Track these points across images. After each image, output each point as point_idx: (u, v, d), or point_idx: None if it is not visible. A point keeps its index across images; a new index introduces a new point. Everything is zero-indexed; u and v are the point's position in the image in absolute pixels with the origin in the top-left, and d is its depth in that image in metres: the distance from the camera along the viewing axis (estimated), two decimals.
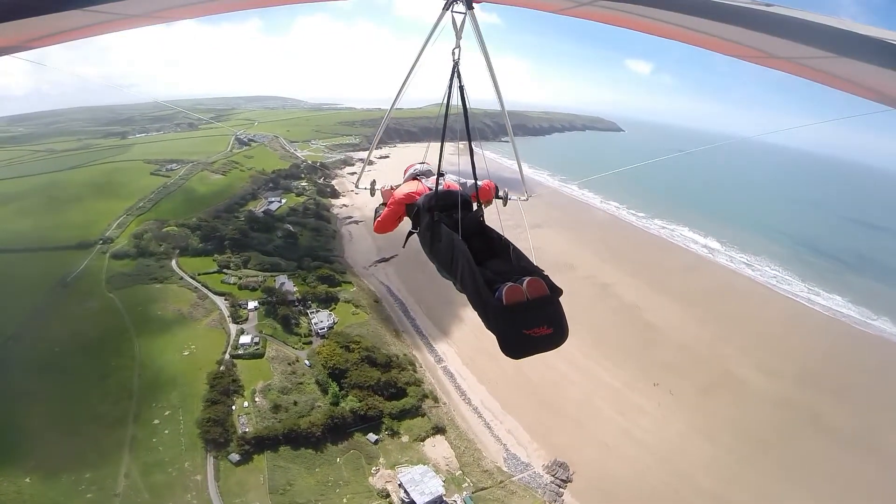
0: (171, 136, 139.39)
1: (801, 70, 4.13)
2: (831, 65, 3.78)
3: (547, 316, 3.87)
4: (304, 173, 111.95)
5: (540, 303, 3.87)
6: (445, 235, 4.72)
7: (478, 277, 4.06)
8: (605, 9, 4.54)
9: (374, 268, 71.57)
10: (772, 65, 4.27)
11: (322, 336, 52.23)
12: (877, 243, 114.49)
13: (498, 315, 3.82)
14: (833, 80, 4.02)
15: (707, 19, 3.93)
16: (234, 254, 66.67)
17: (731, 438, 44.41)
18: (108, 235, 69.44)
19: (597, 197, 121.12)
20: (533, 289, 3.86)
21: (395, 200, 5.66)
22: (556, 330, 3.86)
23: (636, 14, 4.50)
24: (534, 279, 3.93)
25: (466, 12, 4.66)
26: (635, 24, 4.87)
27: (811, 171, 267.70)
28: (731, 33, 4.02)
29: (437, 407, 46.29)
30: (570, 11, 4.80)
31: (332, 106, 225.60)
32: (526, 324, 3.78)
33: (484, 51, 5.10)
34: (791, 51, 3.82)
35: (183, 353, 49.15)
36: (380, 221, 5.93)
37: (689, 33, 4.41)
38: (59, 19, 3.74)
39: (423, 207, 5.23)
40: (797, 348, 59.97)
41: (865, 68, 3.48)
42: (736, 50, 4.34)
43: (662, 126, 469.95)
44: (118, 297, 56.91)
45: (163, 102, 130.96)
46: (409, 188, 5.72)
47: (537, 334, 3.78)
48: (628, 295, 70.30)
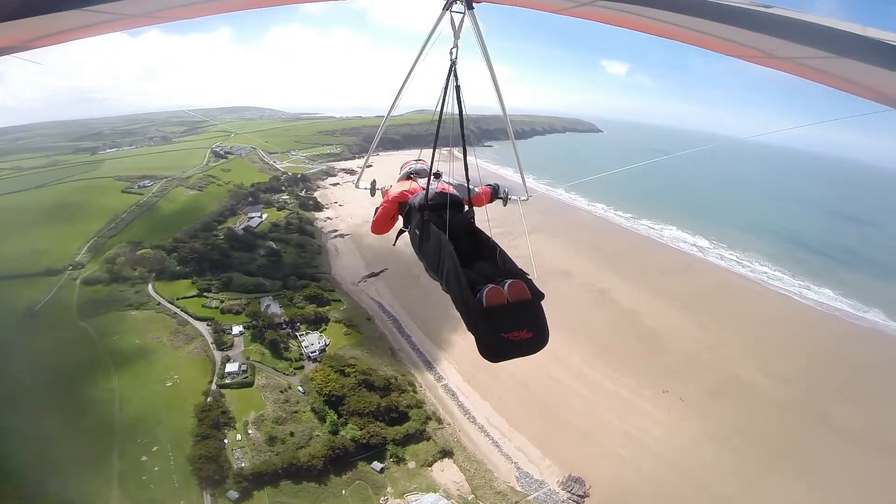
0: (143, 151, 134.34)
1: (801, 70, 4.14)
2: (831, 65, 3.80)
3: (527, 320, 3.87)
4: (284, 186, 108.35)
5: (521, 306, 3.89)
6: (434, 235, 4.75)
7: (461, 278, 4.06)
8: (605, 9, 4.54)
9: (363, 283, 68.72)
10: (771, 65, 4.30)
11: (314, 360, 49.24)
12: (862, 237, 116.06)
13: (477, 317, 3.83)
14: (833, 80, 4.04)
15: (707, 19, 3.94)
16: (215, 275, 62.98)
17: (743, 443, 43.38)
18: (79, 260, 65.15)
19: (584, 199, 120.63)
20: (514, 292, 3.89)
21: (389, 199, 5.68)
22: (535, 334, 3.88)
23: (636, 14, 4.49)
24: (515, 282, 3.96)
25: (466, 12, 4.62)
26: (635, 24, 4.87)
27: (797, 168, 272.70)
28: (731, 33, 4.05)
29: (442, 428, 43.89)
30: (570, 11, 4.79)
31: (311, 115, 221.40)
32: (505, 327, 3.80)
33: (484, 51, 5.06)
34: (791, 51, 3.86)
35: (166, 384, 45.81)
36: (375, 221, 5.90)
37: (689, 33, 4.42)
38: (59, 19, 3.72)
39: (413, 207, 5.27)
40: (797, 347, 59.44)
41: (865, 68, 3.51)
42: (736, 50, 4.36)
43: (640, 126, 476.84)
44: (91, 326, 53.10)
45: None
46: (403, 187, 5.73)
47: (516, 338, 3.81)
48: (626, 300, 69.17)
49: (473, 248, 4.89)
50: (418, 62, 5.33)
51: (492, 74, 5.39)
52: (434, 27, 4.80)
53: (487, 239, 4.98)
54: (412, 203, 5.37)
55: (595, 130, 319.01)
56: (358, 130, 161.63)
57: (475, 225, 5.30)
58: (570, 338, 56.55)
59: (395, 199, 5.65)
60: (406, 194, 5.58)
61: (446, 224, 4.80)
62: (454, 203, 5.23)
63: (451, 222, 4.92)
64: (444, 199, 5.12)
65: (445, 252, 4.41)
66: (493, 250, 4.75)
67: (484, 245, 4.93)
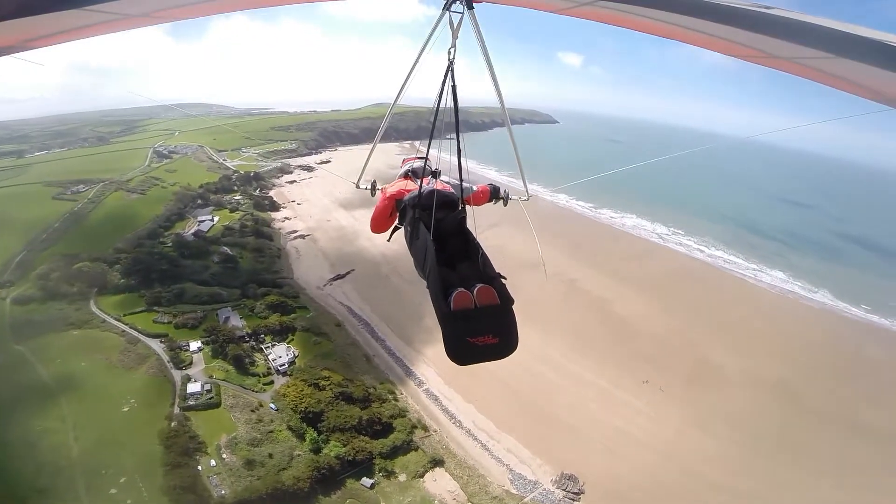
0: (77, 153, 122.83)
1: (800, 70, 4.12)
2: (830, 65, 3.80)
3: (495, 325, 3.87)
4: (236, 185, 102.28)
5: (488, 311, 3.89)
6: (422, 235, 4.78)
7: (437, 279, 4.08)
8: (605, 9, 4.51)
9: (329, 287, 65.21)
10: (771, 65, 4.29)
11: (283, 373, 45.86)
12: (807, 220, 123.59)
13: (445, 319, 3.85)
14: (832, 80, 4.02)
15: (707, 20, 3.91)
16: (165, 287, 57.57)
17: (725, 427, 44.71)
18: (7, 278, 58.04)
19: (545, 190, 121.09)
20: (482, 297, 3.90)
21: (386, 196, 5.68)
22: (502, 340, 3.86)
23: (636, 14, 4.46)
24: (484, 287, 3.98)
25: (465, 12, 4.63)
26: (635, 24, 4.85)
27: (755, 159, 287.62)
28: (731, 34, 4.01)
29: (429, 436, 42.04)
30: (570, 11, 4.81)
31: (263, 111, 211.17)
32: (471, 331, 3.80)
33: (484, 51, 5.04)
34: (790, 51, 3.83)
35: (122, 409, 41.56)
36: (373, 219, 5.85)
37: (688, 33, 4.40)
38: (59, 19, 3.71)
39: (407, 205, 5.31)
40: (757, 327, 62.21)
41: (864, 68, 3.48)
42: (735, 50, 4.33)
43: (594, 116, 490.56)
44: (28, 350, 47.47)
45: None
46: (401, 185, 5.72)
47: (482, 343, 3.79)
48: (595, 289, 69.75)
49: (462, 248, 4.88)
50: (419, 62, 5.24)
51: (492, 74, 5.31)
52: (434, 27, 4.75)
53: (473, 240, 4.96)
54: (406, 202, 5.39)
55: (552, 121, 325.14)
56: (313, 125, 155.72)
57: (465, 225, 5.23)
58: (546, 331, 56.25)
59: (391, 197, 5.63)
60: (403, 192, 5.56)
61: (431, 224, 4.82)
62: (447, 202, 5.21)
63: (441, 222, 4.95)
64: (439, 199, 5.09)
65: (428, 252, 4.43)
66: (477, 252, 4.70)
67: (470, 246, 4.90)
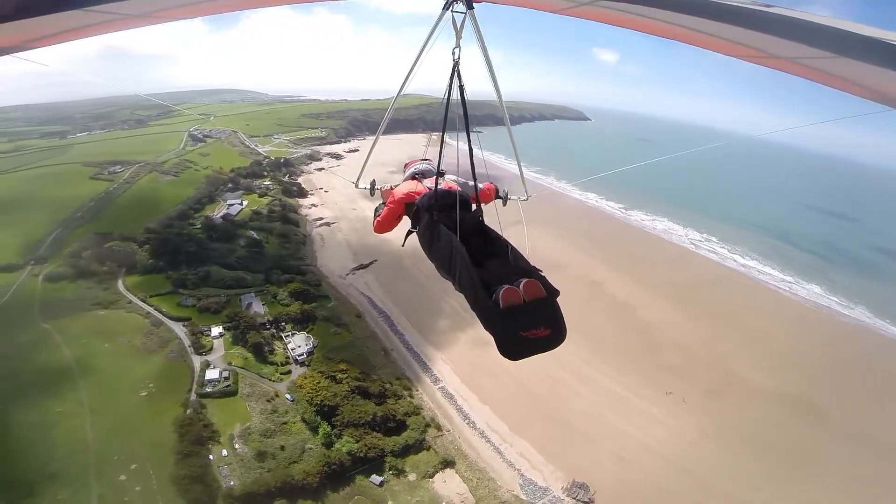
0: (115, 135, 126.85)
1: (800, 70, 4.05)
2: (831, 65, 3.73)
3: (544, 317, 3.82)
4: (266, 171, 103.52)
5: (537, 305, 3.83)
6: (444, 236, 4.65)
7: (475, 280, 3.99)
8: (605, 9, 4.46)
9: (352, 276, 65.22)
10: (771, 65, 4.22)
11: (301, 363, 45.85)
12: (847, 233, 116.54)
13: (495, 318, 3.76)
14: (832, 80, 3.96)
15: (707, 19, 3.89)
16: (191, 269, 58.31)
17: (742, 441, 43.12)
18: (41, 254, 59.94)
19: (574, 189, 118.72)
20: (530, 291, 3.83)
21: (395, 200, 5.59)
22: (553, 331, 3.82)
23: (636, 14, 4.42)
24: (530, 281, 3.91)
25: (466, 12, 4.62)
26: (635, 24, 4.80)
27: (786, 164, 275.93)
28: (731, 33, 3.96)
29: (442, 436, 41.43)
30: (570, 11, 4.75)
31: (295, 98, 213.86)
32: (523, 326, 3.74)
33: (484, 50, 5.01)
34: (790, 51, 3.77)
35: (140, 394, 41.93)
36: (379, 221, 5.86)
37: (688, 33, 4.33)
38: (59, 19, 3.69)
39: (422, 207, 5.20)
40: (788, 342, 59.55)
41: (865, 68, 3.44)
42: (736, 50, 4.26)
43: (627, 115, 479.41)
44: (55, 328, 48.51)
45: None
46: (409, 187, 5.63)
47: (535, 336, 3.75)
48: (620, 293, 67.79)
49: (484, 246, 4.77)
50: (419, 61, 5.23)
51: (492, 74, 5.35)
52: (434, 27, 4.76)
53: (498, 237, 4.88)
54: (419, 204, 5.26)
55: (583, 118, 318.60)
56: (344, 114, 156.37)
57: (484, 223, 5.17)
58: (569, 335, 54.67)
59: (400, 201, 5.55)
60: (413, 195, 5.48)
61: (457, 224, 4.74)
62: (462, 202, 5.12)
63: (460, 221, 4.86)
64: (453, 199, 5.02)
65: (457, 253, 4.28)
66: (505, 248, 4.63)
67: (494, 243, 4.81)
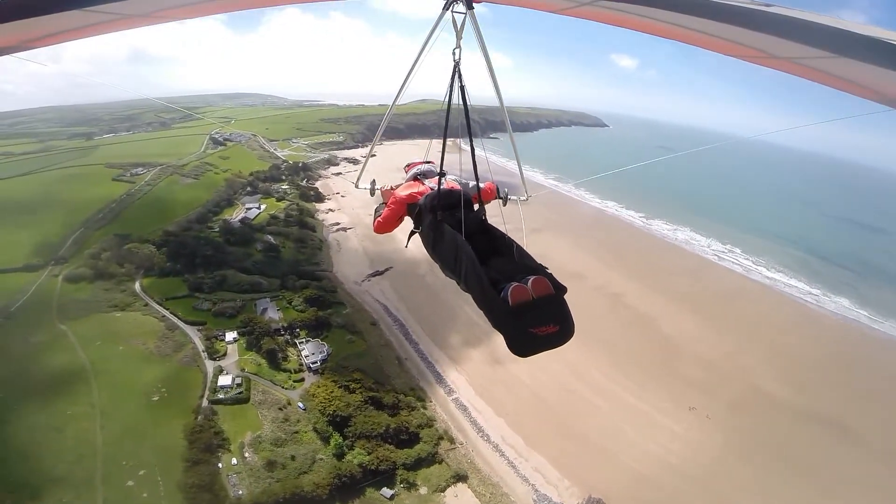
0: (139, 137, 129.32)
1: (801, 70, 4.05)
2: (831, 65, 3.71)
3: (553, 314, 3.84)
4: (285, 175, 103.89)
5: (545, 301, 3.85)
6: (448, 235, 4.65)
7: (483, 278, 4.00)
8: (605, 9, 4.44)
9: (367, 283, 64.68)
10: (772, 65, 4.18)
11: (315, 371, 45.26)
12: (875, 246, 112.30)
13: (505, 315, 3.80)
14: (833, 80, 3.93)
15: (707, 19, 3.88)
16: (208, 273, 58.36)
17: (768, 459, 41.50)
18: (61, 255, 60.71)
19: (594, 196, 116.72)
20: (538, 288, 3.84)
21: (397, 200, 5.52)
22: (562, 327, 3.84)
23: (636, 14, 4.40)
24: (538, 278, 3.91)
25: (466, 12, 4.60)
26: (635, 24, 4.77)
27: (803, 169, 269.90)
28: (731, 33, 3.97)
29: (454, 449, 40.37)
30: (570, 11, 4.70)
31: (314, 103, 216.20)
32: (532, 323, 3.76)
33: (484, 51, 5.01)
34: (791, 51, 3.77)
35: (152, 399, 41.74)
36: (380, 222, 5.77)
37: (689, 33, 4.35)
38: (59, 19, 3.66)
39: (425, 207, 5.15)
40: (816, 355, 57.57)
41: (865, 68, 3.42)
42: (736, 50, 4.27)
43: (646, 122, 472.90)
44: (72, 330, 48.72)
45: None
46: (411, 188, 5.57)
47: (544, 333, 3.77)
48: (641, 305, 65.89)
49: (488, 244, 4.75)
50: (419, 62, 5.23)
51: (492, 74, 5.36)
52: (434, 27, 4.73)
53: (502, 235, 4.87)
54: (422, 204, 5.16)
55: (601, 125, 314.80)
56: (361, 118, 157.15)
57: (487, 222, 5.20)
58: (587, 347, 53.74)
59: (402, 201, 5.45)
60: (415, 196, 5.38)
61: (462, 223, 4.71)
62: (465, 201, 5.09)
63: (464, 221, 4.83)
64: (457, 198, 5.03)
65: (463, 252, 4.28)
66: (510, 246, 4.62)
67: (498, 241, 4.82)
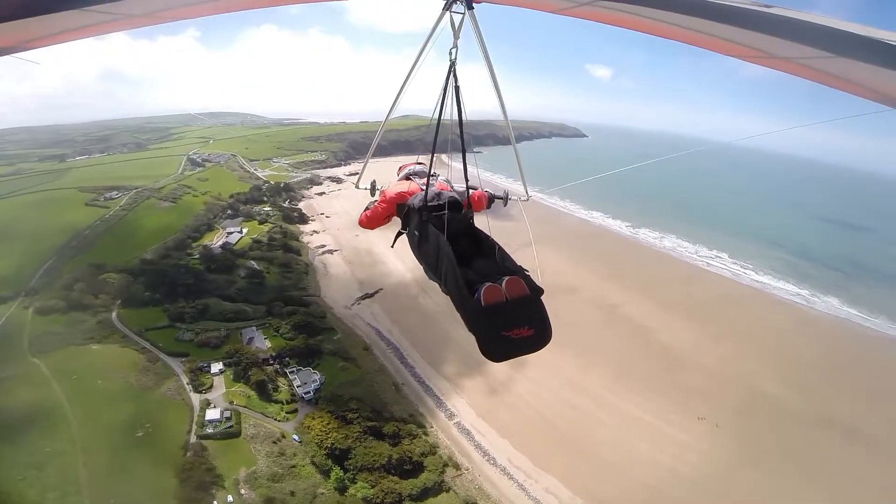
0: (114, 159, 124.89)
1: (800, 70, 4.06)
2: (831, 65, 3.71)
3: (528, 316, 3.76)
4: (266, 196, 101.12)
5: (520, 303, 3.79)
6: (432, 236, 4.64)
7: (458, 278, 3.96)
8: (605, 9, 4.45)
9: (357, 306, 62.38)
10: (771, 65, 4.17)
11: (309, 401, 42.87)
12: (859, 244, 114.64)
13: (476, 316, 3.73)
14: (833, 80, 3.94)
15: (707, 19, 3.87)
16: (189, 302, 55.55)
17: (781, 463, 40.77)
18: (32, 286, 57.21)
19: (579, 207, 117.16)
20: (512, 288, 3.79)
21: (387, 199, 5.53)
22: (537, 331, 3.76)
23: (636, 14, 4.41)
24: (513, 278, 3.86)
25: (466, 12, 4.58)
26: (635, 24, 4.78)
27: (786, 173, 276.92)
28: (731, 33, 3.96)
29: (461, 475, 38.57)
30: (570, 11, 4.69)
31: (294, 121, 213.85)
32: (505, 325, 3.68)
33: (484, 51, 4.96)
34: (791, 51, 3.77)
35: (136, 434, 38.93)
36: (367, 216, 5.74)
37: (688, 33, 4.35)
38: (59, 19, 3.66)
39: (413, 207, 5.16)
40: (815, 355, 57.51)
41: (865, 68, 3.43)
42: (736, 50, 4.28)
43: (625, 131, 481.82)
44: (45, 363, 45.63)
45: None
46: (402, 187, 5.58)
47: (517, 336, 3.68)
48: (637, 315, 65.07)
49: (473, 247, 4.78)
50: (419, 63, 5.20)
51: (492, 74, 5.33)
52: (434, 27, 4.73)
53: (487, 237, 4.87)
54: (411, 204, 5.21)
55: (580, 136, 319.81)
56: (343, 136, 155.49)
57: (474, 225, 5.15)
58: (587, 360, 52.80)
59: (392, 200, 5.48)
60: (405, 195, 5.41)
61: (444, 224, 4.70)
62: (453, 203, 5.09)
63: (449, 222, 4.81)
64: (444, 200, 5.01)
65: (443, 252, 4.29)
66: (493, 249, 4.60)
67: (483, 244, 4.81)
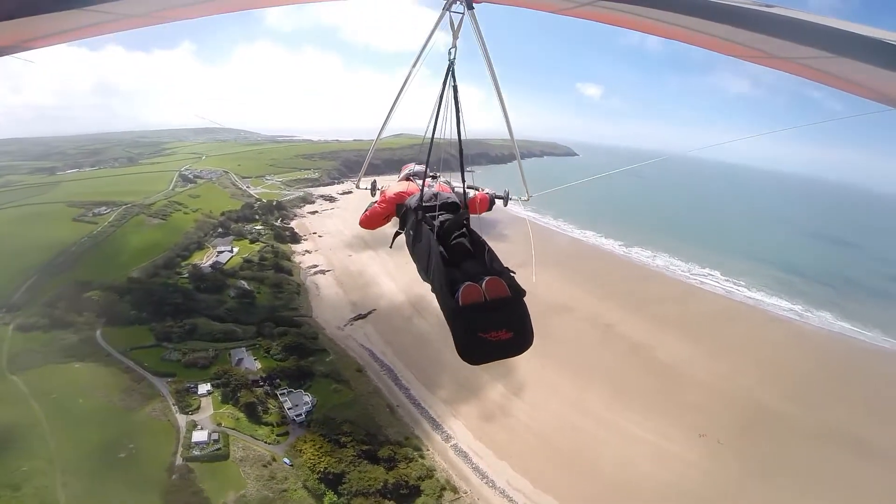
0: (104, 173, 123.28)
1: (801, 70, 4.06)
2: (831, 65, 3.72)
3: (507, 319, 3.69)
4: (258, 214, 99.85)
5: (500, 304, 3.73)
6: (426, 236, 4.64)
7: (442, 277, 3.93)
8: (605, 9, 4.44)
9: (350, 327, 60.90)
10: (772, 65, 4.18)
11: (300, 424, 41.39)
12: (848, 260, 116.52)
13: (454, 315, 3.67)
14: (833, 80, 3.95)
15: (707, 19, 3.88)
16: (177, 321, 53.96)
17: (784, 477, 40.77)
18: (14, 302, 55.30)
19: (571, 227, 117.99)
20: (492, 289, 3.74)
21: (386, 199, 5.56)
22: (516, 334, 3.68)
23: (636, 14, 4.40)
24: (493, 279, 3.82)
25: (465, 13, 4.56)
26: (635, 24, 4.80)
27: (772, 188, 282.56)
28: (731, 33, 3.94)
29: (459, 499, 37.47)
30: (570, 11, 4.71)
31: (288, 138, 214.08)
32: (483, 326, 3.62)
33: (484, 51, 4.95)
34: (791, 51, 3.79)
35: (119, 455, 37.44)
36: (367, 216, 5.75)
37: (689, 33, 4.34)
38: (59, 19, 3.65)
39: (409, 207, 5.19)
40: (811, 370, 57.97)
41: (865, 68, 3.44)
42: (736, 50, 4.28)
43: (614, 149, 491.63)
44: (24, 381, 44.15)
45: None
46: (401, 188, 5.61)
47: (495, 338, 3.61)
48: (633, 334, 64.75)
49: (468, 249, 4.74)
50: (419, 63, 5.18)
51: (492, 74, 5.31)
52: (434, 27, 4.72)
53: (479, 238, 4.83)
54: (408, 204, 5.24)
55: (571, 154, 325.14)
56: (336, 154, 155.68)
57: (469, 226, 5.08)
58: (585, 380, 52.29)
59: (391, 200, 5.51)
60: (403, 195, 5.43)
61: (435, 225, 4.72)
62: (449, 205, 5.09)
63: (444, 223, 4.82)
64: (441, 200, 5.03)
65: (433, 252, 4.27)
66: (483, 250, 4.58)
67: (477, 246, 4.76)
